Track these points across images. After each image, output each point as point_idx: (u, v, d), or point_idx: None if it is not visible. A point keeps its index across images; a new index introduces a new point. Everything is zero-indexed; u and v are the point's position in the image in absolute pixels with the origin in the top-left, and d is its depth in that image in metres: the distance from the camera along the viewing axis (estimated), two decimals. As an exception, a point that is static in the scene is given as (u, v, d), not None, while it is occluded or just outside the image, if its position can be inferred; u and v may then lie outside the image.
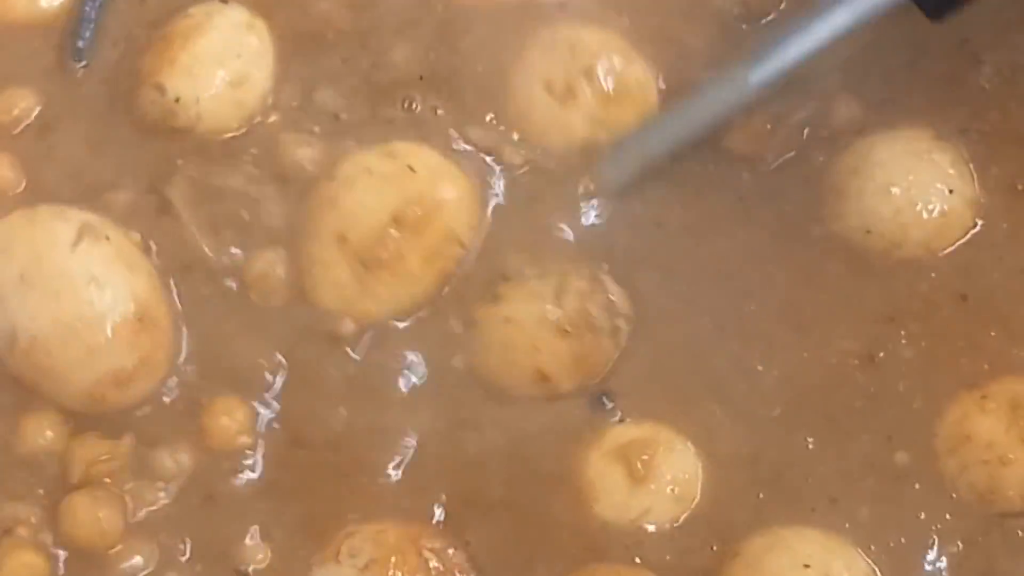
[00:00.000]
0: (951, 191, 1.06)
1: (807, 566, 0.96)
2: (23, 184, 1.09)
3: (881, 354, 1.04)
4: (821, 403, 1.03)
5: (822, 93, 1.11)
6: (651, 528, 1.00)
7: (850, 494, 1.00)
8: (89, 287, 0.99)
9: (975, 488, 1.00)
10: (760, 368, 1.04)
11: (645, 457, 1.00)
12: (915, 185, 1.06)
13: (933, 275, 1.06)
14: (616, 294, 1.05)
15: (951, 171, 1.07)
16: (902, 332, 1.05)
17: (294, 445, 1.03)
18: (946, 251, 1.06)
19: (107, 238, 1.02)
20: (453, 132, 1.10)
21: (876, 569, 0.98)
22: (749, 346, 1.05)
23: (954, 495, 1.00)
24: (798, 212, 1.08)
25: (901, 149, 1.08)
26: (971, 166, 1.08)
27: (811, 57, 1.06)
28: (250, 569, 1.00)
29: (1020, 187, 1.08)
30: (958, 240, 1.07)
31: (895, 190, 1.06)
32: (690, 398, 1.04)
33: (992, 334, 1.04)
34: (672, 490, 1.01)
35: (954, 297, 1.06)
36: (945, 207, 1.06)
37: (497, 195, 1.09)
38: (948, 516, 1.00)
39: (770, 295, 1.06)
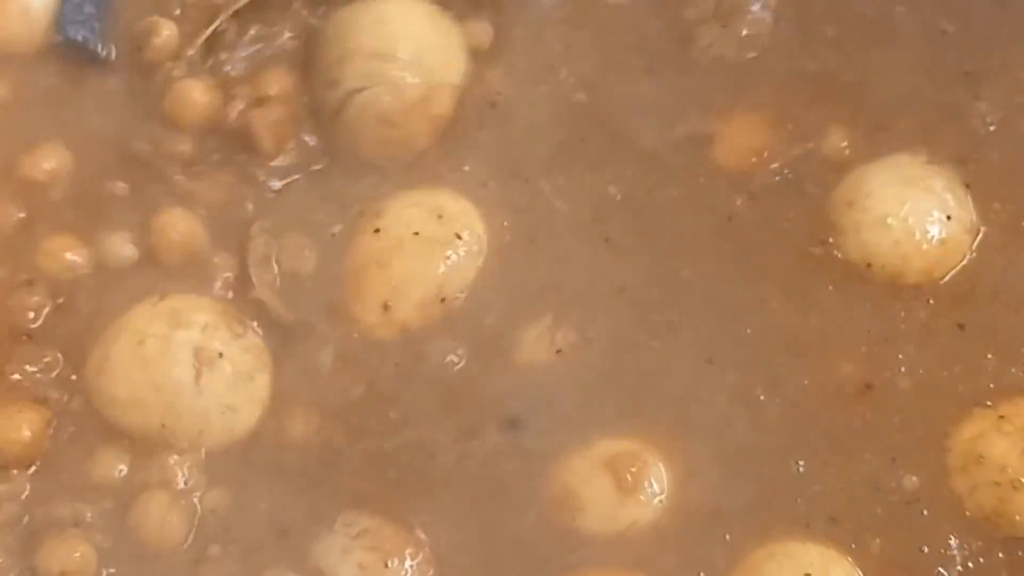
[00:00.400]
0: (949, 217, 1.05)
1: (808, 575, 0.94)
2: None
3: (878, 381, 1.02)
4: (818, 428, 1.01)
5: (814, 122, 1.09)
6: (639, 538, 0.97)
7: (849, 514, 0.98)
8: (226, 417, 1.01)
9: (982, 509, 0.97)
10: (759, 393, 1.02)
11: (634, 469, 0.98)
12: (912, 213, 1.04)
13: (931, 301, 1.04)
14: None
15: (947, 196, 1.05)
16: (900, 356, 1.02)
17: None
18: (944, 279, 1.04)
19: (220, 355, 1.01)
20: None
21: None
22: (724, 364, 1.03)
23: (968, 513, 0.97)
24: (792, 235, 1.06)
25: (894, 176, 1.06)
26: (967, 192, 1.06)
27: None
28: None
29: (1021, 224, 1.06)
30: (955, 266, 1.05)
31: (892, 221, 1.04)
32: (671, 421, 1.01)
33: (989, 356, 1.02)
34: (660, 501, 0.98)
35: (951, 326, 1.03)
36: (944, 234, 1.04)
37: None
38: (952, 536, 0.97)
39: (763, 319, 1.04)
